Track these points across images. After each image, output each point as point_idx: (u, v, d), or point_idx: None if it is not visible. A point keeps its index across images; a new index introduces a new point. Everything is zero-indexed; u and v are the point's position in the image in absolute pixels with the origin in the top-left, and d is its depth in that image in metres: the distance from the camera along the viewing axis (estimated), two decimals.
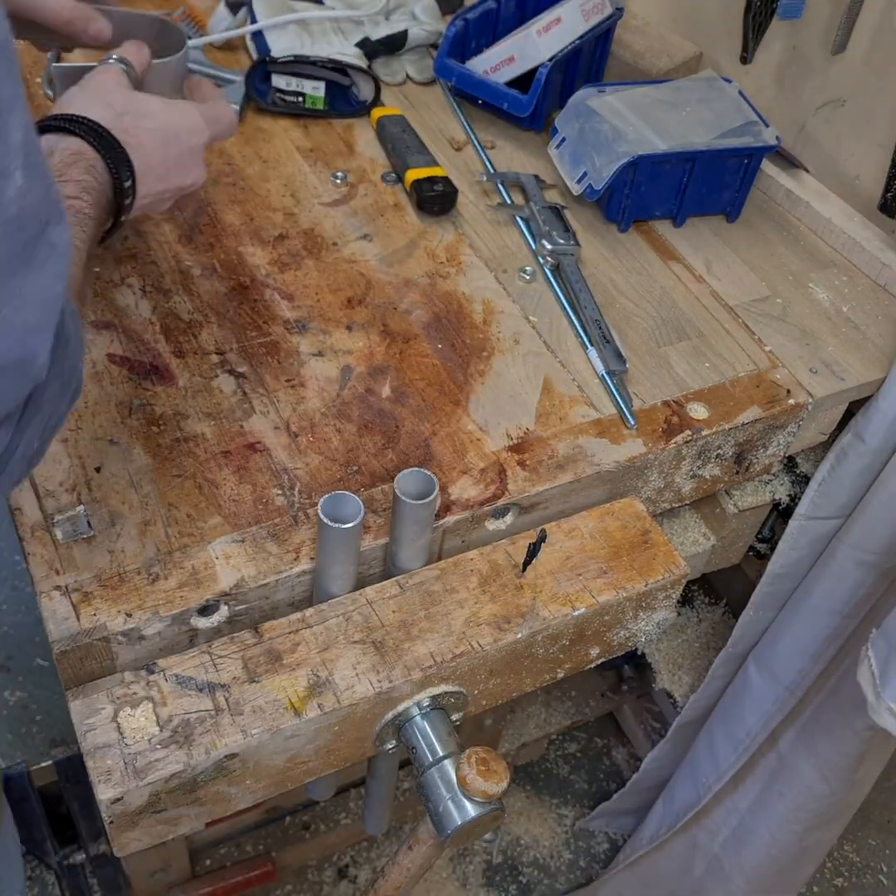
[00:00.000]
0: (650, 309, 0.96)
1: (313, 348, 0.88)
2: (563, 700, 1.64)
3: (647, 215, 1.05)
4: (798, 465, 1.02)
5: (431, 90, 1.20)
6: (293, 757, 0.69)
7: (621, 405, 0.86)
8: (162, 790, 0.64)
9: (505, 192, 1.06)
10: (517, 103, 1.10)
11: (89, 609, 0.68)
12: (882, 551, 0.98)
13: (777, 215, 1.09)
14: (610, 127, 1.00)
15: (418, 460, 0.81)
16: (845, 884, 1.67)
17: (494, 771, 0.67)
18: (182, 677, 0.67)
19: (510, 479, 0.80)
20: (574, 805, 1.70)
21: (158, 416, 0.81)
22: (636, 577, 0.76)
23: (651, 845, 1.41)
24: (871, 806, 1.73)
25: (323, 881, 1.57)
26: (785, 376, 0.91)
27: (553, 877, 1.63)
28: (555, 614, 0.73)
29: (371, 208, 1.03)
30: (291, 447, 0.80)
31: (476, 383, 0.87)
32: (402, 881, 0.77)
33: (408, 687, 0.69)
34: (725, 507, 0.98)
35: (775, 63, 1.11)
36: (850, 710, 1.08)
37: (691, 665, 1.33)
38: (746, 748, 1.21)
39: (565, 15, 1.11)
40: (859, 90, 1.03)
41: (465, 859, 1.63)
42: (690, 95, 1.06)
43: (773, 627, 1.12)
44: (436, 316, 0.93)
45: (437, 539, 0.77)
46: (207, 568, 0.71)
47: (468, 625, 0.72)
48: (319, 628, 0.70)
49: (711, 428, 0.86)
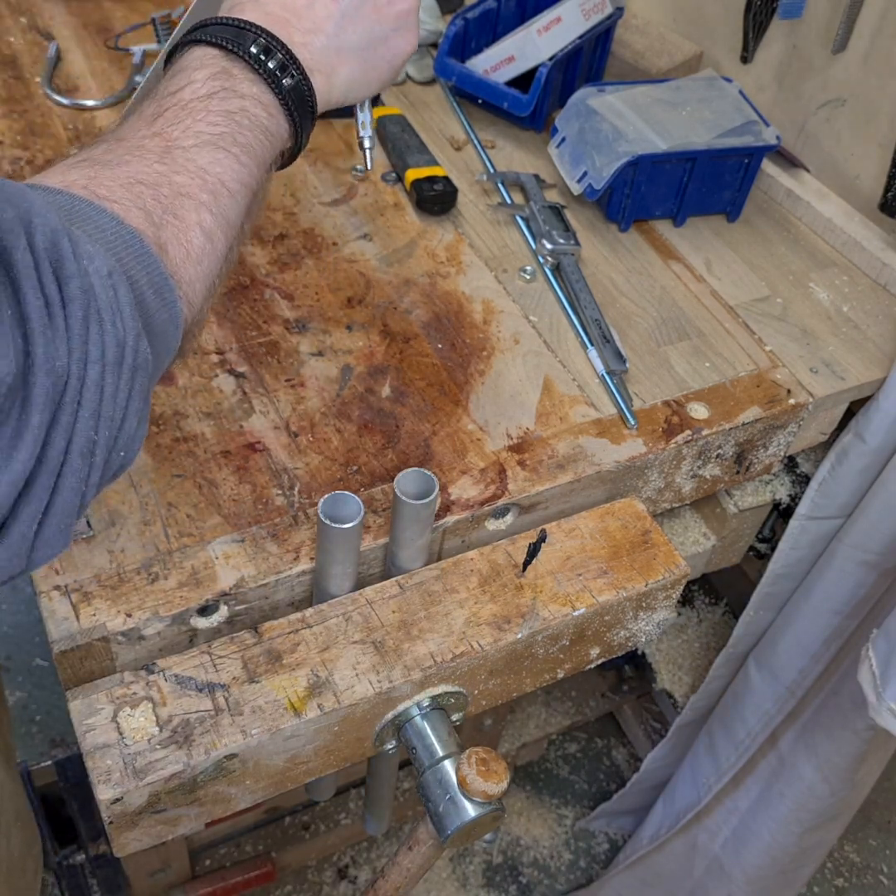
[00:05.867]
0: (650, 308, 0.96)
1: (313, 348, 0.88)
2: (563, 700, 1.64)
3: (647, 215, 1.05)
4: (798, 465, 1.02)
5: (431, 90, 1.20)
6: (293, 757, 0.68)
7: (621, 405, 0.85)
8: (161, 790, 0.63)
9: (505, 192, 1.06)
10: (517, 103, 1.10)
11: (89, 609, 0.68)
12: (883, 551, 0.98)
13: (777, 215, 1.09)
14: (610, 126, 1.00)
15: (418, 460, 0.81)
16: (846, 884, 1.67)
17: (494, 771, 0.67)
18: (182, 677, 0.67)
19: (510, 479, 0.80)
20: (574, 805, 1.70)
21: (158, 416, 0.81)
22: (636, 577, 0.76)
23: (651, 846, 1.41)
24: (871, 806, 1.73)
25: (323, 881, 1.57)
26: (785, 376, 0.91)
27: (553, 877, 1.63)
28: (555, 614, 0.73)
29: (371, 208, 1.03)
30: (291, 447, 0.80)
31: (476, 383, 0.87)
32: (401, 881, 0.77)
33: (408, 687, 0.69)
34: (726, 507, 0.98)
35: (775, 63, 1.11)
36: (850, 711, 1.08)
37: (691, 665, 1.33)
38: (747, 748, 1.20)
39: (565, 14, 1.11)
40: (859, 90, 1.03)
41: (465, 859, 1.63)
42: (691, 95, 1.06)
43: (774, 627, 1.12)
44: (436, 315, 0.93)
45: (437, 539, 0.77)
46: (207, 568, 0.71)
47: (468, 625, 0.72)
48: (319, 628, 0.70)
49: (712, 428, 0.85)
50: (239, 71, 0.60)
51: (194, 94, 0.58)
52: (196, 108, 0.58)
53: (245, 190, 0.59)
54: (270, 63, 0.61)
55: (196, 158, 0.56)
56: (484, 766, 0.67)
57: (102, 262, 0.45)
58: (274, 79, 0.61)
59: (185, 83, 0.59)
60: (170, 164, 0.55)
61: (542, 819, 1.68)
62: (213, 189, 0.56)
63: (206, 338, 0.88)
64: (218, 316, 0.90)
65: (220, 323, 0.89)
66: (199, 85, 0.59)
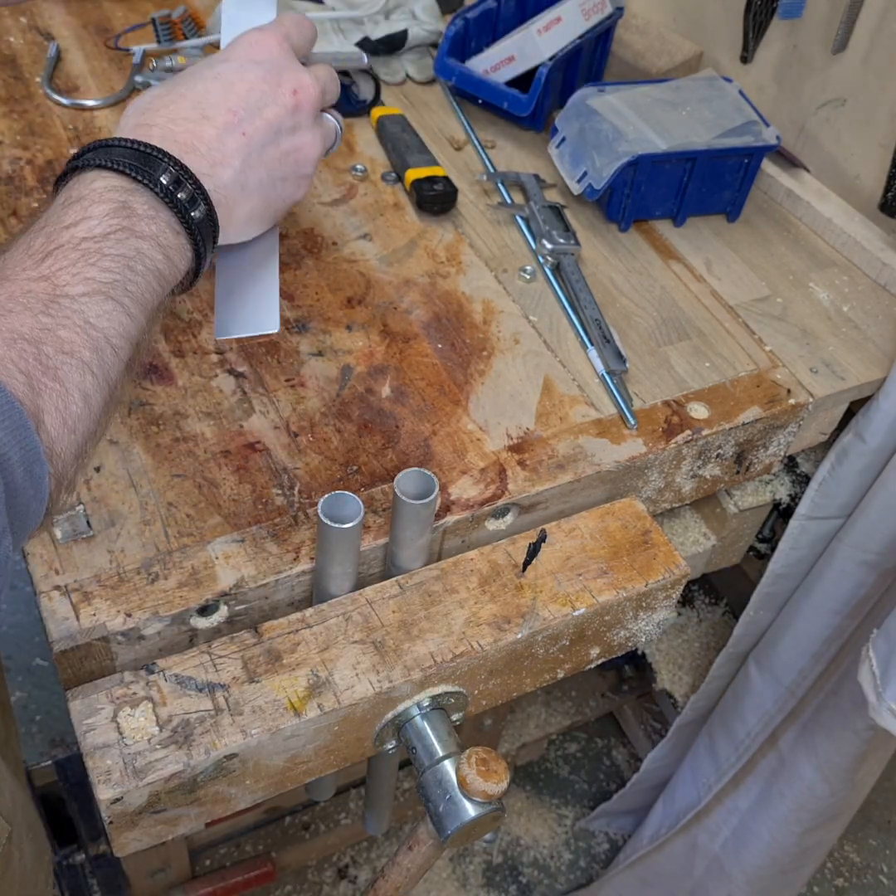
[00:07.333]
0: (650, 308, 0.96)
1: (313, 348, 0.88)
2: (563, 700, 1.64)
3: (647, 215, 1.05)
4: (798, 465, 1.02)
5: (431, 90, 1.20)
6: (293, 757, 0.68)
7: (621, 405, 0.85)
8: (161, 790, 0.64)
9: (505, 192, 1.06)
10: (517, 103, 1.10)
11: (89, 609, 0.68)
12: (883, 551, 0.98)
13: (777, 215, 1.09)
14: (610, 126, 1.00)
15: (418, 460, 0.81)
16: (846, 884, 1.67)
17: (494, 771, 0.67)
18: (182, 677, 0.67)
19: (510, 479, 0.80)
20: (574, 805, 1.70)
21: (158, 416, 0.81)
22: (636, 577, 0.76)
23: (651, 845, 1.41)
24: (871, 806, 1.74)
25: (323, 881, 1.57)
26: (785, 376, 0.91)
27: (553, 877, 1.63)
28: (555, 614, 0.73)
29: (371, 208, 1.03)
30: (291, 447, 0.80)
31: (476, 383, 0.87)
32: (401, 881, 0.77)
33: (408, 687, 0.69)
34: (726, 507, 0.98)
35: (775, 62, 1.11)
36: (850, 711, 1.08)
37: (691, 665, 1.33)
38: (747, 748, 1.21)
39: (565, 14, 1.11)
40: (859, 90, 1.03)
41: (465, 859, 1.63)
42: (691, 95, 1.06)
43: (774, 627, 1.12)
44: (436, 316, 0.93)
45: (437, 539, 0.77)
46: (207, 568, 0.71)
47: (468, 625, 0.72)
48: (319, 628, 0.70)
49: (712, 428, 0.85)
50: (140, 206, 0.57)
51: (89, 233, 0.54)
52: (89, 251, 0.54)
53: (129, 345, 0.55)
54: (180, 194, 0.59)
55: (84, 310, 0.52)
56: (484, 766, 0.67)
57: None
58: (183, 211, 0.59)
59: (80, 218, 0.55)
60: (55, 316, 0.51)
61: (542, 819, 1.68)
62: (98, 346, 0.53)
63: (206, 337, 0.88)
64: None
65: None
66: (95, 222, 0.55)
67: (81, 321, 0.52)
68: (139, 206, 0.57)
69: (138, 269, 0.56)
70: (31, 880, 0.85)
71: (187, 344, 0.87)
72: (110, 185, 0.57)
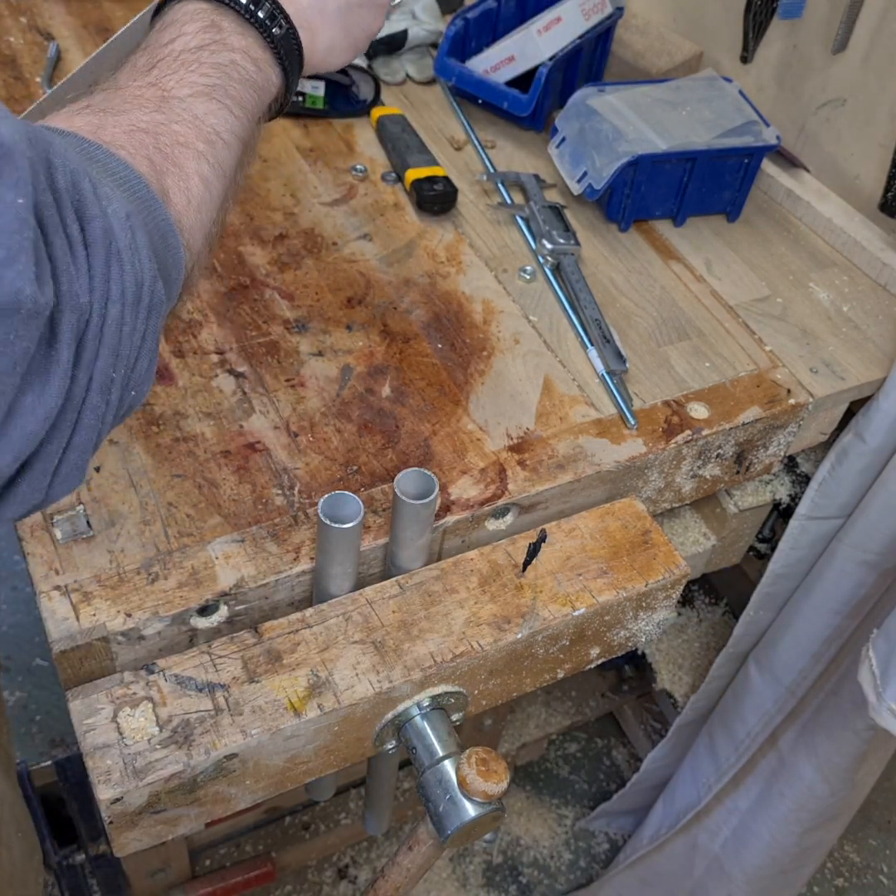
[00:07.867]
0: (650, 308, 0.96)
1: (313, 348, 0.88)
2: (563, 700, 1.64)
3: (647, 215, 1.05)
4: (798, 465, 1.02)
5: (431, 90, 1.20)
6: (293, 757, 0.68)
7: (621, 405, 0.85)
8: (161, 790, 0.63)
9: (505, 192, 1.06)
10: (517, 103, 1.10)
11: (89, 609, 0.68)
12: (882, 551, 0.98)
13: (777, 215, 1.09)
14: (610, 126, 1.00)
15: (418, 460, 0.81)
16: (846, 884, 1.67)
17: (494, 771, 0.67)
18: (182, 677, 0.67)
19: (510, 479, 0.80)
20: (574, 805, 1.70)
21: (158, 416, 0.81)
22: (636, 577, 0.76)
23: (651, 845, 1.41)
24: (871, 806, 1.73)
25: (323, 881, 1.57)
26: (785, 376, 0.91)
27: (553, 877, 1.63)
28: (555, 614, 0.73)
29: (371, 208, 1.03)
30: (291, 447, 0.80)
31: (476, 383, 0.87)
32: (401, 881, 0.77)
33: (408, 687, 0.69)
34: (726, 507, 0.98)
35: (775, 62, 1.11)
36: (850, 711, 1.08)
37: (691, 665, 1.33)
38: (747, 748, 1.20)
39: (565, 14, 1.11)
40: (859, 90, 1.03)
41: (465, 859, 1.63)
42: (691, 95, 1.06)
43: (774, 627, 1.12)
44: (436, 315, 0.93)
45: (437, 539, 0.77)
46: (207, 568, 0.71)
47: (468, 625, 0.72)
48: (319, 628, 0.70)
49: (712, 428, 0.85)
50: (228, 24, 0.61)
51: (185, 47, 0.59)
52: (188, 60, 0.59)
53: (238, 141, 0.59)
54: (260, 12, 0.62)
55: (192, 108, 0.57)
56: (484, 766, 0.67)
57: (121, 205, 0.46)
58: (264, 27, 0.62)
59: (176, 35, 0.60)
60: (167, 113, 0.56)
61: (542, 819, 1.68)
62: (210, 139, 0.57)
63: (206, 338, 0.88)
64: (218, 316, 0.90)
65: (220, 323, 0.89)
66: (189, 38, 0.60)
67: (191, 116, 0.56)
68: (227, 23, 0.61)
69: (234, 76, 0.60)
70: (21, 879, 0.84)
71: (187, 344, 0.87)
72: (198, 7, 0.62)
